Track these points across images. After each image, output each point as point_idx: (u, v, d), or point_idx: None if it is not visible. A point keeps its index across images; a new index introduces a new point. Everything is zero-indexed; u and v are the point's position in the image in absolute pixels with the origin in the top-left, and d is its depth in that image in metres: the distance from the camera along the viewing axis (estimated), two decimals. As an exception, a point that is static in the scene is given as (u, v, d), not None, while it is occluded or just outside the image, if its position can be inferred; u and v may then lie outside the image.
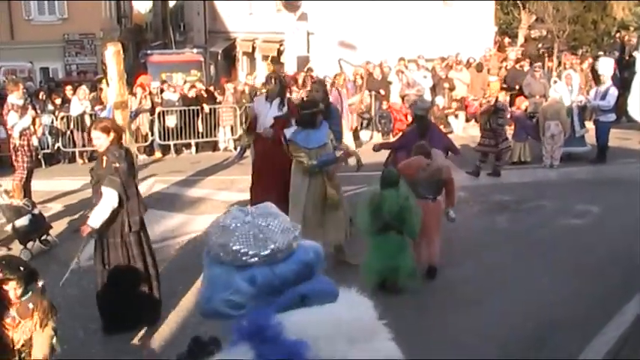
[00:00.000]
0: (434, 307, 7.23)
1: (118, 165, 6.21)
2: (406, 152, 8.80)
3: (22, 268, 4.70)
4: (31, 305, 4.72)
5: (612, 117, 14.22)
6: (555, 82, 15.29)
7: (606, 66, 15.04)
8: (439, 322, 6.81)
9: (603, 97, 14.11)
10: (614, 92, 14.03)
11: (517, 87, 19.25)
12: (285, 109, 9.19)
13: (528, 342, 6.28)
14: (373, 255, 7.29)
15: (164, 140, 17.06)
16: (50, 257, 8.94)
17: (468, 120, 19.38)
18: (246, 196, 11.58)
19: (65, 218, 10.80)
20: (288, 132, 8.13)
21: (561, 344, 6.20)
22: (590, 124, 15.77)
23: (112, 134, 6.31)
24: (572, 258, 8.48)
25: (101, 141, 6.29)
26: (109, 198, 6.14)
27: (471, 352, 6.11)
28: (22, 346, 4.77)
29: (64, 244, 9.33)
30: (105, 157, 6.20)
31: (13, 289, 4.65)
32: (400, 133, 12.17)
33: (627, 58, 19.97)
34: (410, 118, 13.86)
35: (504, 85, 19.63)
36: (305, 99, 12.23)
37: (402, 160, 8.62)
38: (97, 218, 6.15)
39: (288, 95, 10.84)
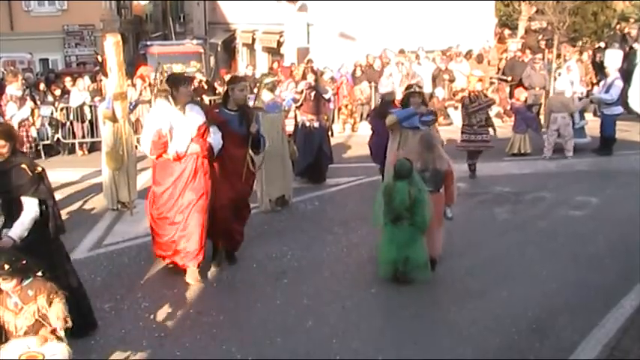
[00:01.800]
0: (436, 297, 7.24)
1: (41, 169, 5.95)
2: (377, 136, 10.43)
3: (7, 267, 4.71)
4: (31, 292, 4.76)
5: (618, 110, 14.17)
6: (560, 74, 15.23)
7: (612, 58, 14.95)
8: (441, 313, 6.82)
9: (607, 89, 14.07)
10: (618, 85, 13.99)
11: (510, 78, 19.32)
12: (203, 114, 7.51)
13: (530, 332, 6.29)
14: (386, 245, 7.33)
15: (164, 131, 17.00)
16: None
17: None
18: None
19: (65, 209, 10.77)
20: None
21: (562, 334, 6.22)
22: (589, 116, 15.76)
23: (13, 141, 5.82)
24: (571, 249, 8.50)
25: (5, 148, 5.68)
26: (33, 208, 5.72)
27: (473, 342, 6.13)
28: (25, 333, 4.81)
29: (65, 233, 9.29)
30: (25, 166, 5.75)
31: (1, 283, 4.75)
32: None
33: (627, 50, 19.94)
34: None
35: (503, 77, 19.69)
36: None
37: (377, 144, 10.30)
38: (20, 230, 5.60)
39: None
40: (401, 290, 7.25)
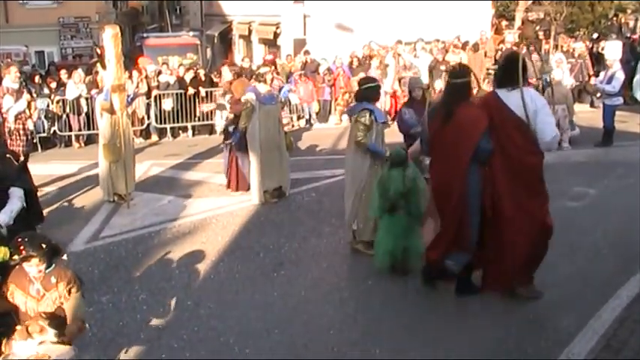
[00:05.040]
0: (432, 288, 7.24)
1: (23, 159, 5.98)
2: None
3: (43, 246, 4.73)
4: (53, 279, 4.77)
5: (618, 100, 14.13)
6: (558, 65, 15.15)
7: (613, 50, 14.87)
8: (438, 304, 6.82)
9: (609, 81, 14.05)
10: (620, 76, 13.95)
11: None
12: None
13: (527, 323, 6.30)
14: (384, 236, 7.33)
15: (160, 123, 17.01)
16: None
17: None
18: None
19: (62, 201, 10.78)
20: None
21: (559, 325, 6.22)
22: (585, 107, 15.71)
23: None
24: (569, 240, 8.47)
25: None
26: (21, 198, 5.84)
27: (470, 333, 6.13)
28: None
29: (62, 226, 9.33)
30: (8, 156, 5.82)
31: (35, 265, 4.72)
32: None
33: (624, 40, 19.90)
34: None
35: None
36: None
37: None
38: (8, 217, 5.76)
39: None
40: (397, 281, 7.25)
